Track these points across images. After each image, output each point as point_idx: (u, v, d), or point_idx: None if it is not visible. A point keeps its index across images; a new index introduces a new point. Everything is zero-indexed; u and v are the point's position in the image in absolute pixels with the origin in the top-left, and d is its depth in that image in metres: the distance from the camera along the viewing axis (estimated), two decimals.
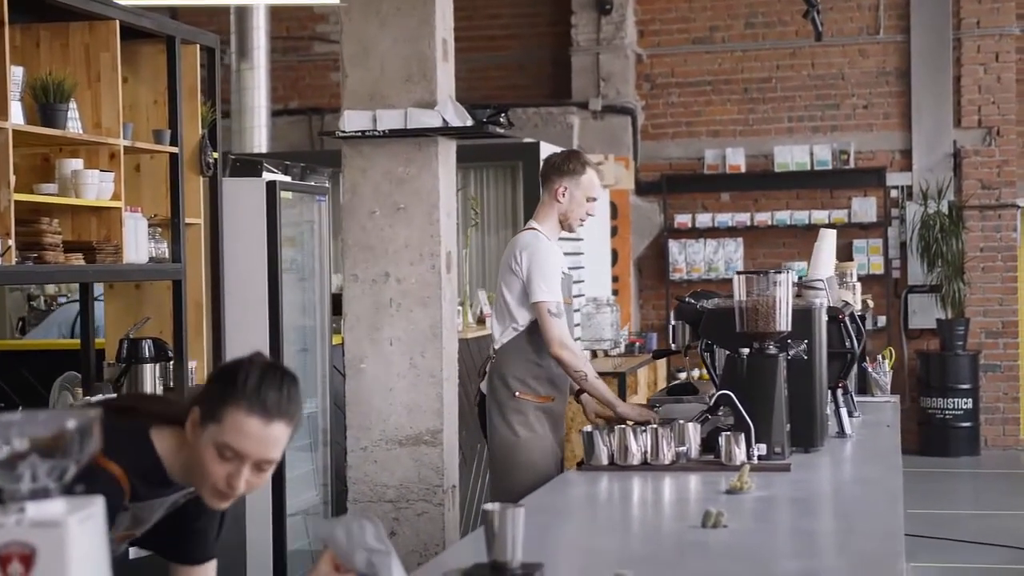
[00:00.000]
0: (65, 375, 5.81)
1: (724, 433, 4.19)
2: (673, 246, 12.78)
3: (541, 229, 5.20)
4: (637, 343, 10.81)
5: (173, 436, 2.63)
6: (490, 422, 5.17)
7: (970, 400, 12.11)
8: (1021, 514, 9.87)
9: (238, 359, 2.61)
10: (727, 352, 4.51)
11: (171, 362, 5.48)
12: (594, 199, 5.25)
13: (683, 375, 12.21)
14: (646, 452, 4.21)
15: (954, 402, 12.09)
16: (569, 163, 5.23)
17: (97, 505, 1.79)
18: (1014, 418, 12.49)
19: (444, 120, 5.67)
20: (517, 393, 5.10)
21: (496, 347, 5.20)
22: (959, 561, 8.17)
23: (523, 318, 5.10)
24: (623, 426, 4.29)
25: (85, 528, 1.75)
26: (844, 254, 12.14)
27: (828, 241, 5.44)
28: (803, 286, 5.07)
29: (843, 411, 4.97)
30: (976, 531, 8.90)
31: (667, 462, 4.19)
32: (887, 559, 2.88)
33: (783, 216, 12.58)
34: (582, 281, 10.47)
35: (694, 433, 4.30)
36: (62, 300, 8.74)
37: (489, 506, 2.72)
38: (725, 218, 12.70)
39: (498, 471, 5.19)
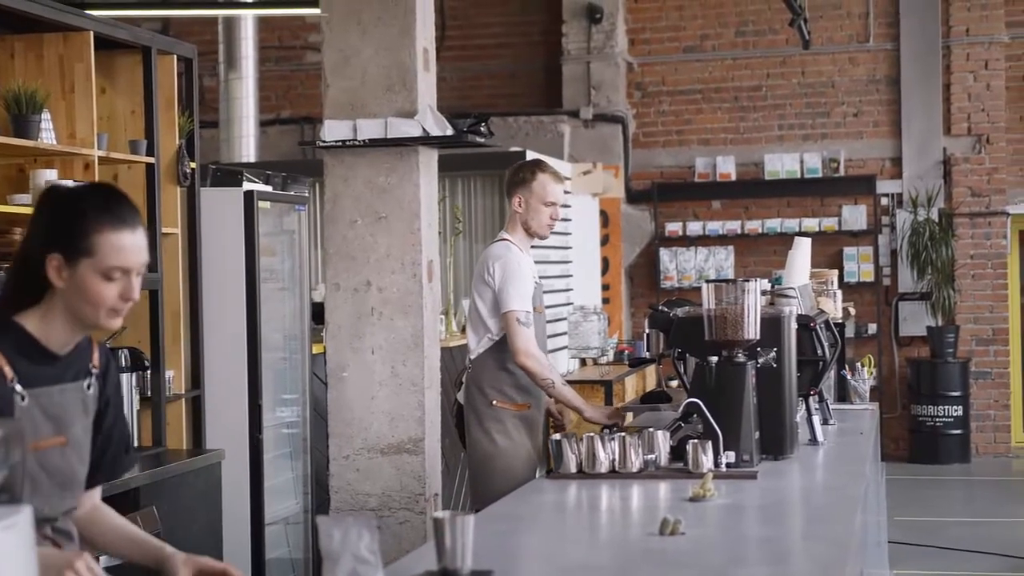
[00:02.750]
0: None
1: (691, 441, 4.20)
2: (664, 254, 12.79)
3: (512, 239, 5.30)
4: (627, 351, 10.82)
5: (35, 312, 2.67)
6: (468, 431, 5.24)
7: (960, 407, 12.11)
8: (1011, 521, 9.87)
9: (54, 195, 2.69)
10: (696, 360, 4.52)
11: (148, 371, 5.50)
12: (552, 203, 5.31)
13: (674, 383, 12.22)
14: (614, 460, 4.22)
15: (944, 409, 12.09)
16: (519, 173, 5.35)
17: (24, 514, 1.81)
18: (1004, 425, 12.50)
19: (424, 129, 5.69)
20: (494, 402, 5.19)
21: (472, 357, 5.28)
22: (948, 569, 8.17)
23: (497, 328, 5.17)
24: (591, 434, 4.30)
25: (8, 537, 1.76)
26: (834, 262, 12.16)
27: (802, 249, 5.46)
28: (775, 294, 5.08)
29: (815, 419, 4.98)
30: (966, 539, 8.90)
31: (635, 470, 4.20)
32: (835, 565, 2.89)
33: (774, 224, 12.60)
34: (571, 290, 10.49)
35: (663, 441, 4.31)
36: None
37: (438, 514, 2.74)
38: (716, 226, 12.72)
39: (477, 479, 5.24)
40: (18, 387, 2.61)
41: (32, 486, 2.58)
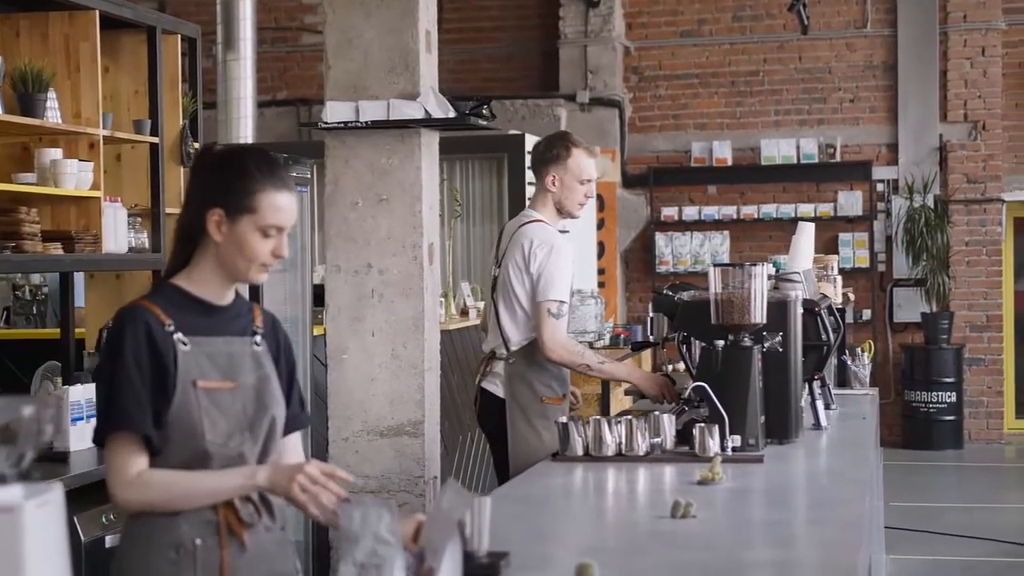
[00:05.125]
0: (46, 364, 5.81)
1: (698, 425, 4.21)
2: (660, 239, 12.80)
3: (547, 220, 5.06)
4: (623, 335, 10.83)
5: (184, 272, 2.85)
6: (513, 426, 5.03)
7: (954, 393, 12.15)
8: (1004, 507, 9.92)
9: (216, 156, 2.87)
10: (702, 344, 4.52)
11: None
12: (588, 180, 5.07)
13: (669, 367, 12.24)
14: (620, 443, 4.23)
15: (938, 395, 12.13)
16: (553, 149, 5.08)
17: (55, 493, 1.81)
18: (997, 412, 12.54)
19: (426, 111, 5.67)
20: (544, 398, 5.02)
21: (512, 348, 5.04)
22: (941, 554, 8.21)
23: None
24: (597, 417, 4.31)
25: (42, 513, 1.76)
26: (830, 247, 12.18)
27: (806, 234, 5.46)
28: (780, 279, 5.08)
29: (819, 403, 4.99)
30: (959, 524, 8.94)
31: (641, 453, 4.21)
32: (847, 548, 2.90)
33: (769, 209, 12.61)
34: None
35: (669, 425, 4.32)
36: (47, 290, 8.74)
37: None
38: (712, 211, 12.73)
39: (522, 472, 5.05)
40: (178, 335, 2.77)
41: (210, 423, 2.77)
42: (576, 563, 2.63)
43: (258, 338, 2.91)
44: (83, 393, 5.06)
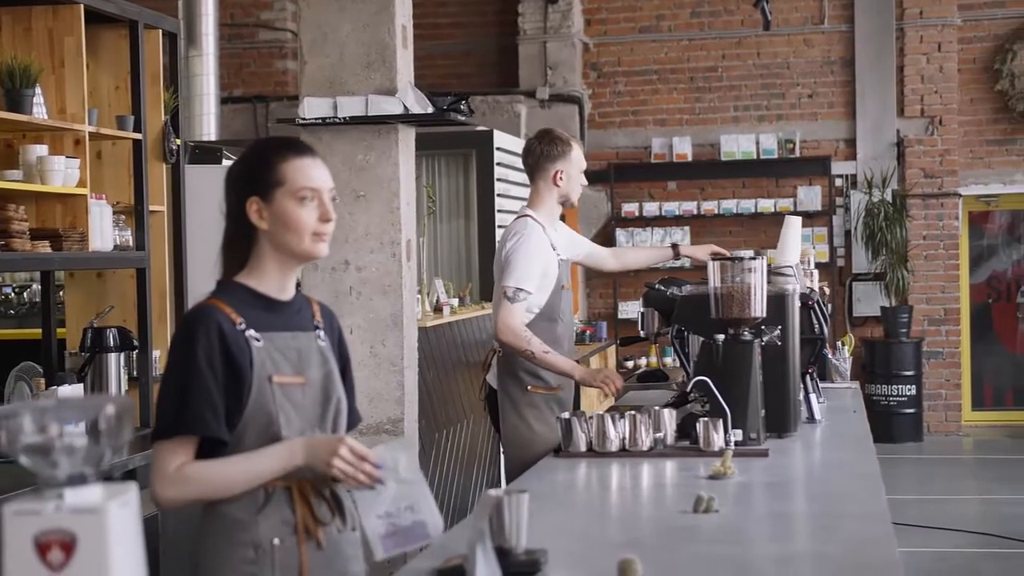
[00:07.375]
0: (21, 365, 5.72)
1: (702, 419, 4.21)
2: (621, 235, 12.81)
3: (536, 217, 5.17)
4: (587, 332, 10.86)
5: (245, 270, 2.83)
6: (504, 417, 5.09)
7: (913, 387, 12.25)
8: (964, 499, 10.01)
9: (240, 155, 2.91)
10: (702, 339, 4.52)
11: (136, 351, 5.42)
12: (584, 168, 5.32)
13: (630, 363, 12.27)
14: (624, 439, 4.22)
15: (898, 388, 12.23)
16: (557, 146, 5.21)
17: (132, 492, 1.77)
18: (956, 404, 12.66)
19: (405, 107, 5.65)
20: (529, 387, 5.07)
21: (501, 340, 5.07)
22: (904, 546, 8.25)
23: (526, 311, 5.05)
24: (601, 412, 4.29)
25: (124, 513, 1.73)
26: None
27: (794, 228, 5.47)
28: (773, 272, 5.08)
29: (812, 397, 5.01)
30: (920, 516, 9.02)
31: (645, 448, 4.20)
32: (882, 542, 2.90)
33: (729, 205, 12.65)
34: None
35: (670, 419, 4.31)
36: (7, 290, 8.63)
37: (494, 492, 2.72)
38: (672, 207, 12.76)
39: (515, 466, 5.07)
40: (250, 331, 2.77)
41: (286, 419, 2.75)
42: (618, 559, 2.61)
43: (321, 332, 2.90)
44: (71, 394, 4.99)
